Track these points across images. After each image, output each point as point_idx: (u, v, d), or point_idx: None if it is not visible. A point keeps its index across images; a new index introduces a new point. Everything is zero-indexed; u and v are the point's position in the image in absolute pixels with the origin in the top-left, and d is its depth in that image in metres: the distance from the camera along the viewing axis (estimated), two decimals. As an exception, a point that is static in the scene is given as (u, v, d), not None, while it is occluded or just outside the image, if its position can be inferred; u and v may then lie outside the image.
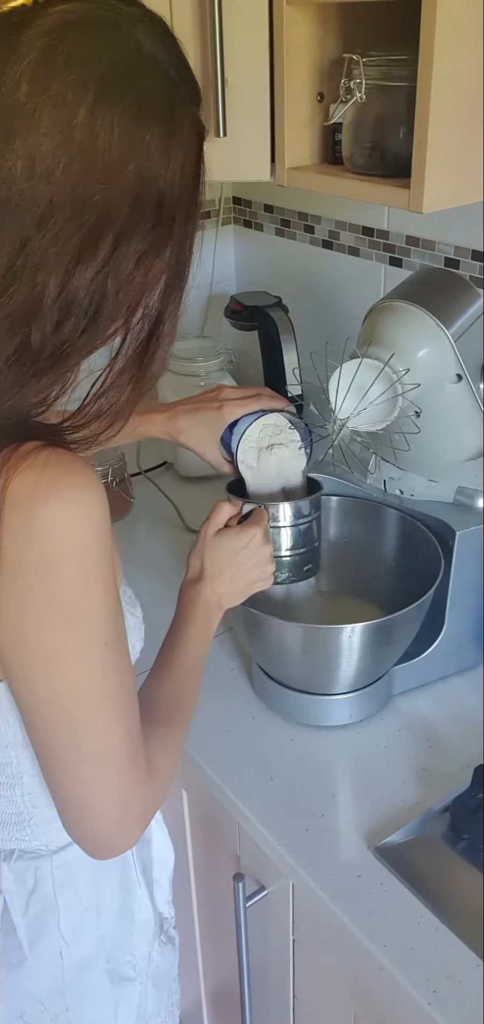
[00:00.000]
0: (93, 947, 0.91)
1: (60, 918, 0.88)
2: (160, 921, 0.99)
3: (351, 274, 1.69)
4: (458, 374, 1.11)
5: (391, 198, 1.09)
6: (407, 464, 1.17)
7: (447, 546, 1.13)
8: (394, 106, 1.09)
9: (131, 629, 0.84)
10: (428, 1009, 0.82)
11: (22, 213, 0.62)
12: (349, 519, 1.26)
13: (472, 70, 1.01)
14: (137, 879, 0.94)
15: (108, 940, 0.92)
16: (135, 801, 0.76)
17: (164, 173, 0.65)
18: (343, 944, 0.92)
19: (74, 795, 0.74)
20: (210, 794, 1.10)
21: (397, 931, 0.88)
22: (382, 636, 1.07)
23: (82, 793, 0.73)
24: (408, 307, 1.10)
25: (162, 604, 0.96)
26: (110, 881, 0.91)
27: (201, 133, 0.70)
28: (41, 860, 0.86)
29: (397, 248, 1.58)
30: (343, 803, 1.04)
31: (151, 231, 0.66)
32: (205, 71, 1.19)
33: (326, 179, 1.19)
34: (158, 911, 0.98)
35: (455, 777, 1.03)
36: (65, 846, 0.86)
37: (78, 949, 0.90)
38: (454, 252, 1.46)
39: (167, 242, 0.68)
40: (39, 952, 0.89)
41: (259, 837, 1.01)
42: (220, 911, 1.19)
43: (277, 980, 1.11)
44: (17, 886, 0.87)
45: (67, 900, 0.88)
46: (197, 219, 0.71)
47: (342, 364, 1.06)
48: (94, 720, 0.71)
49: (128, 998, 0.95)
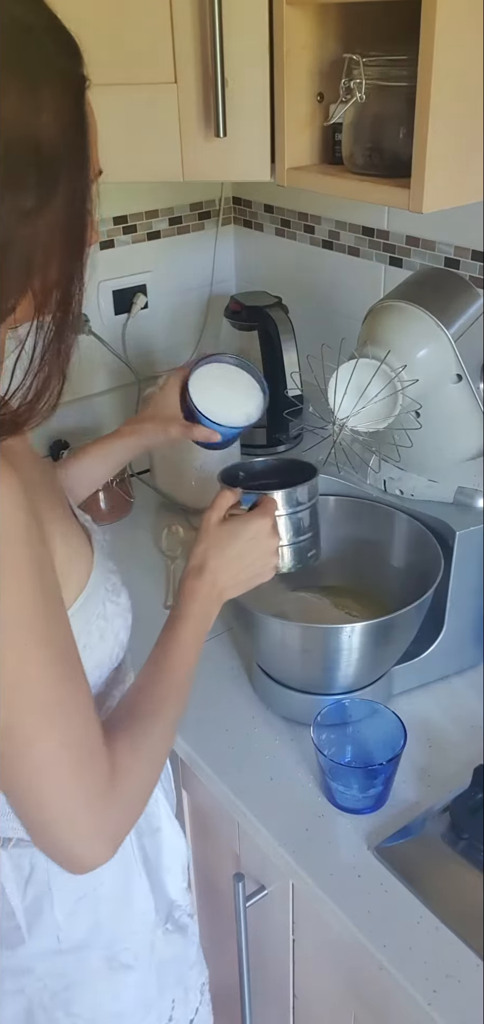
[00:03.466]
0: (89, 933, 0.91)
1: (55, 904, 0.89)
2: (169, 908, 0.99)
3: (351, 274, 1.69)
4: (458, 374, 1.11)
5: (391, 198, 1.09)
6: (407, 464, 1.17)
7: (447, 546, 1.13)
8: (394, 106, 1.09)
9: (113, 616, 0.84)
10: (428, 1008, 0.82)
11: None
12: (349, 519, 1.26)
13: (472, 70, 1.01)
14: (137, 868, 0.94)
15: (105, 928, 0.92)
16: (96, 815, 0.72)
17: (35, 124, 0.64)
18: (343, 944, 0.92)
19: (29, 814, 0.71)
20: (210, 794, 1.10)
21: (397, 931, 0.88)
22: (382, 636, 1.07)
23: (37, 812, 0.70)
24: (408, 307, 1.10)
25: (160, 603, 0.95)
26: (106, 871, 0.89)
27: (79, 85, 0.68)
28: (36, 848, 0.86)
29: (397, 248, 1.58)
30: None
31: (34, 187, 0.65)
32: (205, 71, 1.19)
33: (326, 179, 1.19)
34: (170, 898, 0.99)
35: (455, 777, 1.04)
36: None
37: (74, 934, 0.90)
38: (454, 252, 1.46)
39: (53, 199, 0.66)
40: (37, 935, 0.90)
41: (259, 837, 1.01)
42: (220, 910, 1.19)
43: (277, 979, 1.11)
44: (14, 872, 0.88)
45: (62, 888, 0.89)
46: (88, 175, 0.69)
47: (339, 364, 1.06)
48: (35, 733, 0.68)
49: (126, 985, 0.94)
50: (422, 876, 0.93)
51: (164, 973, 0.98)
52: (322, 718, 1.04)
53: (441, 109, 0.99)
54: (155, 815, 0.98)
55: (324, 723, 1.04)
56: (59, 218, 0.67)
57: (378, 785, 0.99)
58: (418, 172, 1.02)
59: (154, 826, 0.97)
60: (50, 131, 0.65)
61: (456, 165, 1.04)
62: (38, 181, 0.65)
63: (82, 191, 0.69)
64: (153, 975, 0.97)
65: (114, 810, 0.74)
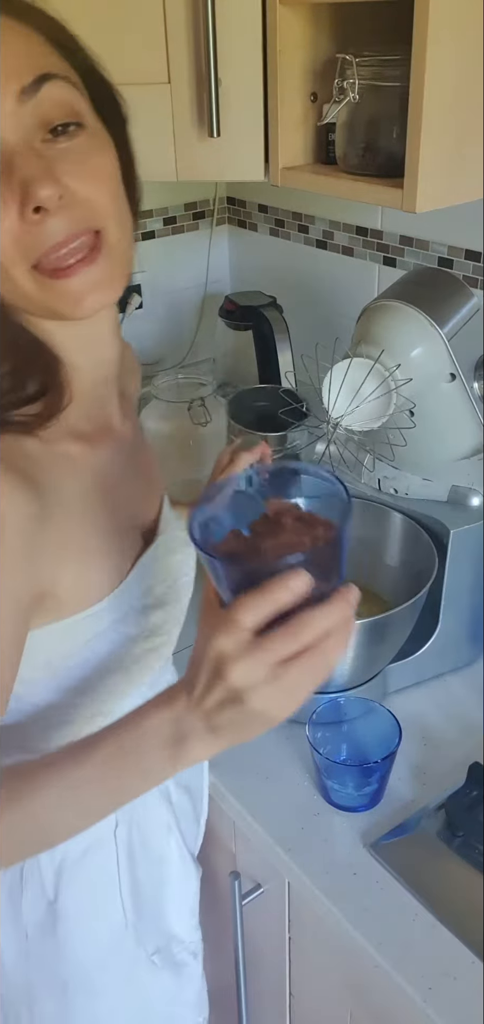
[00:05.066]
0: (52, 944, 0.89)
1: (23, 904, 0.87)
2: (166, 942, 0.97)
3: (345, 274, 1.69)
4: (452, 373, 1.11)
5: (384, 198, 1.09)
6: (402, 463, 1.17)
7: (441, 544, 1.13)
8: (387, 106, 1.09)
9: (92, 571, 0.77)
10: (423, 1006, 0.82)
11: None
12: (344, 518, 1.26)
13: (465, 71, 1.02)
14: (118, 887, 0.91)
15: (72, 942, 0.89)
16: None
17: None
18: (339, 941, 0.92)
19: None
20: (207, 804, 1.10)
21: (393, 928, 0.88)
22: (377, 634, 1.07)
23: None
24: (402, 307, 1.10)
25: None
26: (74, 886, 0.88)
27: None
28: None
29: (391, 248, 1.58)
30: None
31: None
32: (198, 71, 1.19)
33: (320, 179, 1.19)
34: (171, 932, 0.97)
35: (450, 775, 1.04)
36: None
37: (39, 947, 0.89)
38: (448, 252, 1.47)
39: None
40: (7, 931, 0.88)
41: (255, 835, 1.02)
42: (216, 909, 1.19)
43: (273, 978, 1.12)
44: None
45: (31, 890, 0.87)
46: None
47: (333, 364, 1.06)
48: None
49: (87, 1011, 0.91)
50: (418, 874, 0.93)
51: (145, 1008, 0.96)
52: (317, 716, 1.04)
53: (434, 109, 0.99)
54: (158, 842, 0.95)
55: (319, 721, 1.04)
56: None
57: (373, 783, 1.00)
58: (411, 172, 1.02)
59: (156, 854, 0.94)
60: None
61: (449, 165, 1.05)
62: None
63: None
64: (128, 1006, 0.94)
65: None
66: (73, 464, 0.76)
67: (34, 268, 0.67)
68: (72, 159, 0.66)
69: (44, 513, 0.69)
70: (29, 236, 0.65)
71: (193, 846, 1.05)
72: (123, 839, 0.91)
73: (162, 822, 0.96)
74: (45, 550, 0.70)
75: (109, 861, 0.91)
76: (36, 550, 0.69)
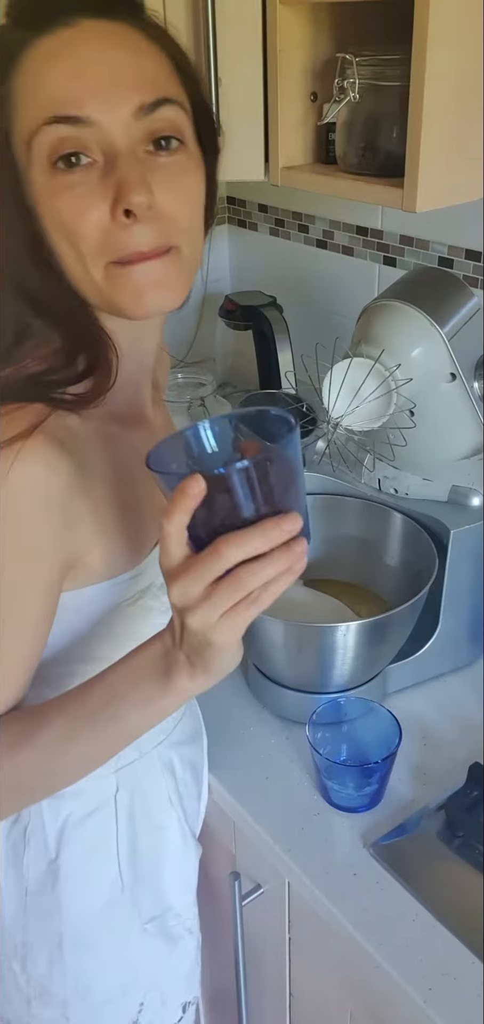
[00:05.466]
0: (50, 900, 0.91)
1: (25, 860, 0.91)
2: (162, 912, 0.98)
3: (345, 274, 1.69)
4: (452, 373, 1.11)
5: (385, 197, 1.09)
6: (402, 463, 1.17)
7: (442, 545, 1.13)
8: (387, 105, 1.09)
9: (120, 544, 0.81)
10: (423, 1006, 0.82)
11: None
12: (344, 518, 1.26)
13: (465, 69, 1.02)
14: (116, 851, 0.93)
15: (69, 900, 0.92)
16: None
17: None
18: (339, 942, 0.92)
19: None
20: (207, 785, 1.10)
21: (392, 929, 0.88)
22: (377, 635, 1.07)
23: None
24: (402, 306, 1.10)
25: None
26: (75, 846, 0.91)
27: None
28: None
29: (391, 248, 1.58)
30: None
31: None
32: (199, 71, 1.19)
33: (320, 179, 1.19)
34: (167, 903, 0.98)
35: (450, 775, 1.04)
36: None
37: (37, 902, 0.91)
38: (448, 251, 1.47)
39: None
40: (9, 886, 0.92)
41: (255, 836, 1.02)
42: (216, 909, 1.19)
43: (273, 978, 1.12)
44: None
45: (34, 847, 0.90)
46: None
47: (333, 364, 1.06)
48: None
49: (78, 967, 0.93)
50: (418, 874, 0.93)
51: (133, 973, 0.97)
52: (317, 717, 1.04)
53: (434, 108, 0.99)
54: (160, 813, 0.97)
55: (319, 722, 1.04)
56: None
57: (373, 783, 1.00)
58: (412, 171, 1.02)
59: (156, 823, 0.97)
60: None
61: (449, 164, 1.05)
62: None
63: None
64: (117, 968, 0.96)
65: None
66: (110, 442, 0.80)
67: (110, 263, 0.72)
68: (167, 174, 0.72)
69: (82, 484, 0.74)
70: (115, 235, 0.70)
71: (194, 824, 1.06)
72: (124, 804, 0.93)
73: (164, 793, 0.98)
74: (81, 519, 0.75)
75: (109, 825, 0.93)
76: (73, 517, 0.73)
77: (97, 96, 0.69)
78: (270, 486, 0.62)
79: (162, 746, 0.97)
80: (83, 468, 0.74)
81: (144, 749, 0.94)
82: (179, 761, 1.00)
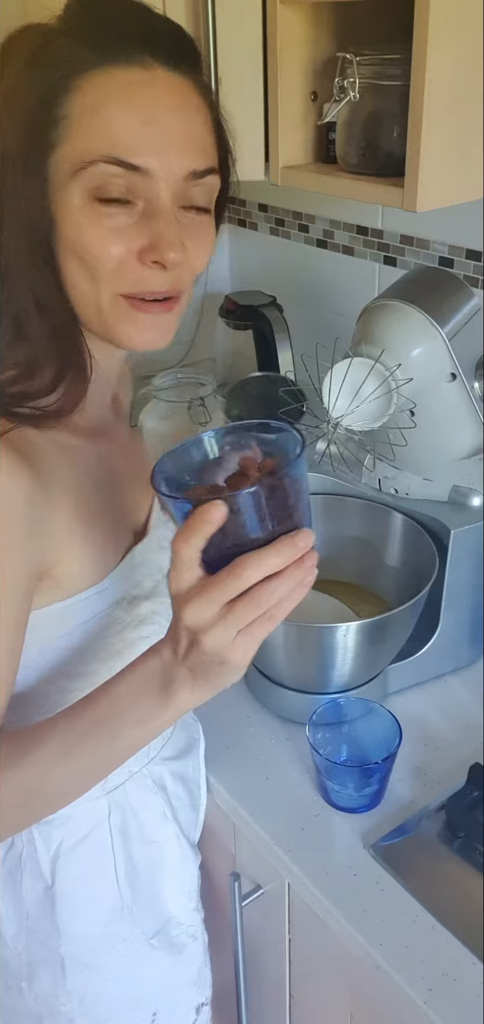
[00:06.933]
0: (51, 924, 0.91)
1: (23, 887, 0.90)
2: (164, 924, 0.98)
3: (345, 273, 1.69)
4: (452, 373, 1.11)
5: (385, 197, 1.09)
6: (402, 463, 1.17)
7: (442, 545, 1.13)
8: (388, 105, 1.09)
9: (88, 557, 0.80)
10: (424, 1007, 0.82)
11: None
12: (344, 518, 1.26)
13: (465, 69, 1.01)
14: (114, 872, 0.93)
15: (70, 925, 0.91)
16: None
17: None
18: (339, 943, 0.92)
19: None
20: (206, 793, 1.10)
21: (393, 930, 0.88)
22: (377, 635, 1.07)
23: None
24: (402, 306, 1.10)
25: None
26: (71, 871, 0.91)
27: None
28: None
29: (391, 247, 1.58)
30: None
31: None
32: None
33: (320, 178, 1.19)
34: (168, 914, 0.98)
35: (450, 775, 1.04)
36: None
37: (38, 926, 0.91)
38: (448, 251, 1.46)
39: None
40: (9, 910, 0.91)
41: (255, 836, 1.01)
42: (216, 910, 1.19)
43: (273, 979, 1.11)
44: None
45: (29, 874, 0.90)
46: (29, 151, 0.70)
47: (334, 363, 1.06)
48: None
49: (82, 986, 0.93)
50: (418, 875, 0.93)
51: (142, 988, 0.97)
52: (318, 717, 1.04)
53: (435, 108, 0.99)
54: (155, 829, 0.97)
55: (320, 722, 1.04)
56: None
57: (374, 784, 0.99)
58: (412, 171, 1.02)
59: (152, 839, 0.96)
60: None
61: (450, 164, 1.05)
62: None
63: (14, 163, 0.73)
64: (124, 985, 0.95)
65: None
66: (72, 454, 0.79)
67: (120, 295, 0.74)
68: (194, 233, 0.76)
69: (45, 496, 0.73)
70: (136, 273, 0.73)
71: (191, 833, 1.05)
72: (117, 825, 0.93)
73: (157, 810, 0.97)
74: (46, 531, 0.74)
75: (104, 847, 0.92)
76: (37, 530, 0.72)
77: (161, 153, 0.71)
78: (284, 505, 0.63)
79: (153, 763, 0.97)
80: (45, 478, 0.73)
81: (133, 769, 0.94)
82: (171, 777, 1.00)
